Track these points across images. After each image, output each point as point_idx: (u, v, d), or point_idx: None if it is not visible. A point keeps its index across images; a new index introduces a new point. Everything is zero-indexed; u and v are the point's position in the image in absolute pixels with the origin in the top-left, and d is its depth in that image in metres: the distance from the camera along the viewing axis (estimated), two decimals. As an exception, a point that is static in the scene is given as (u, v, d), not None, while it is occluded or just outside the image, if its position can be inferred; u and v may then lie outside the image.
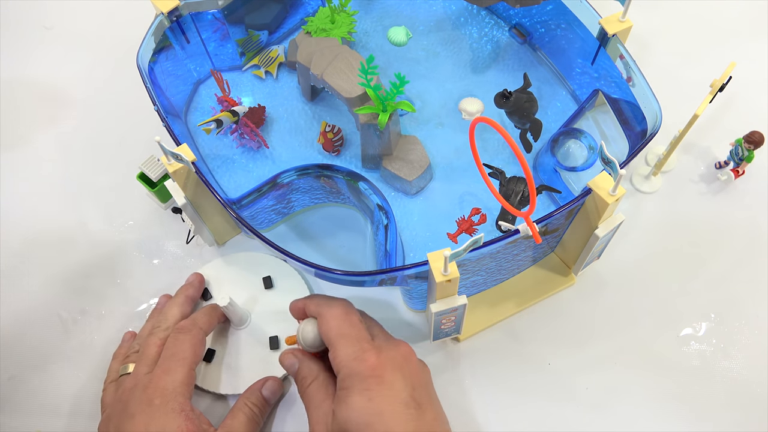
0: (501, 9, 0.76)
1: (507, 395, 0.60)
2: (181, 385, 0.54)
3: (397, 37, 0.69)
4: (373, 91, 0.60)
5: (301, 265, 0.52)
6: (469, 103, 0.69)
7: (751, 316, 0.63)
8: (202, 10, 0.66)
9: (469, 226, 0.62)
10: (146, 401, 0.52)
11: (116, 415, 0.54)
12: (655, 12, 0.80)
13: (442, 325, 0.56)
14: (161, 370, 0.54)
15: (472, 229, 0.62)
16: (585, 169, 0.64)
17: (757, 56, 0.77)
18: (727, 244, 0.66)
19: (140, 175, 0.67)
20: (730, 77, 0.58)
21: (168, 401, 0.52)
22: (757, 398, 0.59)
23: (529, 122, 0.65)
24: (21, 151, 0.74)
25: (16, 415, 0.61)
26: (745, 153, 0.66)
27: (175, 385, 0.53)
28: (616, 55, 0.62)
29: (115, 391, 0.56)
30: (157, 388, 0.53)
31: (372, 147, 0.65)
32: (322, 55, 0.63)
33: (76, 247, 0.68)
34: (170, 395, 0.53)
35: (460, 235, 0.62)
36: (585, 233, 0.56)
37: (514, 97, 0.63)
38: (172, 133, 0.58)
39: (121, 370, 0.58)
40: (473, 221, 0.62)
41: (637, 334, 0.62)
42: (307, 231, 0.67)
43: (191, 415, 0.53)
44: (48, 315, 0.65)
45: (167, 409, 0.52)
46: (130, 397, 0.54)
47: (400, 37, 0.69)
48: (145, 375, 0.55)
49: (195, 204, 0.60)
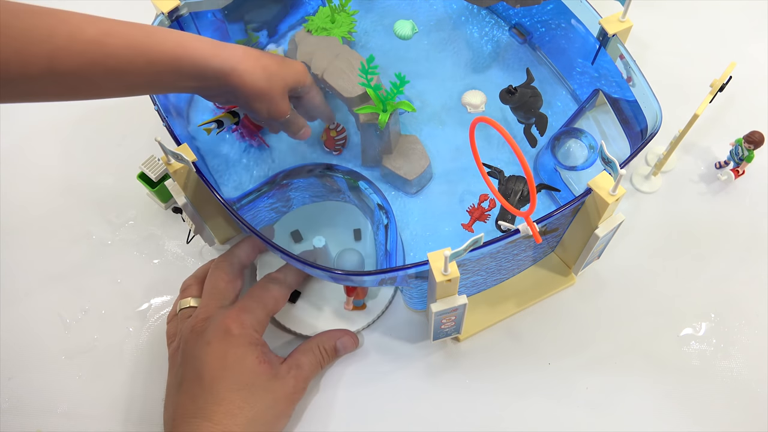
0: (501, 9, 0.76)
1: (507, 395, 0.60)
2: (259, 324, 0.55)
3: (403, 31, 0.69)
4: (374, 90, 0.60)
5: (302, 265, 0.52)
6: (472, 96, 0.69)
7: (751, 316, 0.63)
8: (202, 9, 0.66)
9: (481, 213, 0.62)
10: (224, 329, 0.53)
11: (191, 341, 0.54)
12: (655, 12, 0.80)
13: (442, 325, 0.56)
14: (242, 307, 0.55)
15: (484, 216, 0.62)
16: (585, 168, 0.64)
17: (757, 56, 0.77)
18: (727, 244, 0.66)
19: (140, 175, 0.67)
20: (730, 77, 0.58)
21: (246, 333, 0.54)
22: (757, 398, 0.59)
23: (535, 117, 0.66)
24: (21, 151, 0.74)
25: (16, 415, 0.61)
26: (745, 153, 0.66)
27: (254, 323, 0.55)
28: (616, 55, 0.62)
29: (182, 320, 0.57)
30: (237, 320, 0.54)
31: (372, 146, 0.65)
32: (322, 54, 0.63)
33: (76, 246, 0.68)
34: (248, 329, 0.54)
35: (474, 223, 0.62)
36: (585, 233, 0.56)
37: (519, 92, 0.63)
38: (172, 133, 0.58)
39: (182, 303, 0.58)
40: (484, 207, 0.62)
41: (637, 334, 0.62)
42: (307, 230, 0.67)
43: (266, 350, 0.55)
44: (48, 315, 0.65)
45: (245, 341, 0.53)
46: (205, 326, 0.54)
47: (406, 30, 0.69)
48: (218, 308, 0.56)
49: (195, 204, 0.60)
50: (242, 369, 0.53)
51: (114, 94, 0.50)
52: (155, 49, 0.48)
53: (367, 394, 0.60)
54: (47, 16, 0.45)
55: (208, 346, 0.53)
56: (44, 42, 0.44)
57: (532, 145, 0.67)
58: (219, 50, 0.51)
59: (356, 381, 0.61)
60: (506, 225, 0.56)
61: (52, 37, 0.44)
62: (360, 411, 0.60)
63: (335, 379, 0.61)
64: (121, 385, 0.62)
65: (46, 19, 0.45)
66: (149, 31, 0.49)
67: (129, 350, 0.63)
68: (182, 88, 0.53)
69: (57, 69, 0.45)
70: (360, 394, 0.61)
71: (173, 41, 0.50)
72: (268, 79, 0.54)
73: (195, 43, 0.50)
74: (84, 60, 0.46)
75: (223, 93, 0.54)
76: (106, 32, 0.47)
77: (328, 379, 0.61)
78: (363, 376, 0.61)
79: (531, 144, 0.67)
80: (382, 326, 0.63)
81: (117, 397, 0.61)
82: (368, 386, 0.61)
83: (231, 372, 0.52)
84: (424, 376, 0.61)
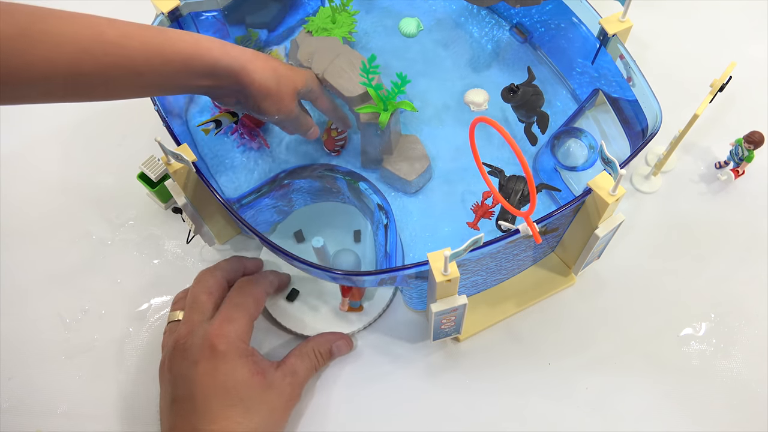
0: (501, 8, 0.76)
1: (507, 395, 0.60)
2: (244, 333, 0.54)
3: (408, 28, 0.69)
4: (375, 90, 0.60)
5: (302, 265, 0.52)
6: (475, 94, 0.69)
7: (751, 316, 0.63)
8: (202, 9, 0.66)
9: (485, 210, 0.62)
10: (209, 347, 0.53)
11: (176, 360, 0.54)
12: (655, 12, 0.80)
13: (442, 325, 0.56)
14: (224, 318, 0.54)
15: (489, 213, 0.62)
16: (585, 168, 0.64)
17: (757, 56, 0.77)
18: (727, 244, 0.66)
19: (140, 175, 0.67)
20: (730, 77, 0.58)
21: (233, 346, 0.53)
22: (757, 398, 0.59)
23: (536, 115, 0.66)
24: (21, 151, 0.74)
25: (16, 415, 0.61)
26: (745, 153, 0.66)
27: (239, 333, 0.54)
28: (616, 55, 0.62)
29: (169, 334, 0.57)
30: (221, 334, 0.53)
31: (372, 146, 0.65)
32: (323, 54, 0.63)
33: (76, 246, 0.68)
34: (234, 341, 0.53)
35: (479, 221, 0.62)
36: (585, 233, 0.56)
37: (521, 90, 0.63)
38: (172, 133, 0.58)
39: (170, 317, 0.58)
40: (488, 205, 0.62)
41: (637, 334, 0.62)
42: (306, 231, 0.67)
43: (257, 358, 0.54)
44: (48, 315, 0.65)
45: (233, 355, 0.53)
46: (189, 344, 0.54)
47: (411, 28, 0.69)
48: (200, 322, 0.55)
49: (195, 204, 0.60)
50: (235, 384, 0.52)
51: (128, 95, 0.52)
52: (170, 49, 0.50)
53: (367, 394, 0.60)
54: (71, 19, 0.46)
55: (196, 366, 0.52)
56: (69, 45, 0.46)
57: (533, 144, 0.67)
58: (230, 50, 0.53)
59: (356, 381, 0.61)
60: (506, 225, 0.56)
61: (77, 40, 0.46)
62: (360, 411, 0.60)
63: (335, 379, 0.61)
64: (121, 385, 0.62)
65: (71, 22, 0.46)
66: (164, 33, 0.50)
67: (129, 350, 0.63)
68: (194, 88, 0.54)
69: (79, 71, 0.46)
70: (360, 394, 0.61)
71: (187, 41, 0.51)
72: (276, 80, 0.55)
73: (207, 43, 0.52)
74: (105, 61, 0.47)
75: (233, 92, 0.55)
76: (125, 34, 0.48)
77: (327, 380, 0.61)
78: (362, 376, 0.61)
79: (531, 142, 0.67)
80: (381, 326, 0.63)
81: (117, 397, 0.61)
82: (368, 386, 0.61)
83: (224, 389, 0.52)
84: (424, 377, 0.61)
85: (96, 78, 0.48)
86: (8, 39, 0.43)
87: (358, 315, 0.63)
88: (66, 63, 0.46)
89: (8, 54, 0.43)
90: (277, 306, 0.63)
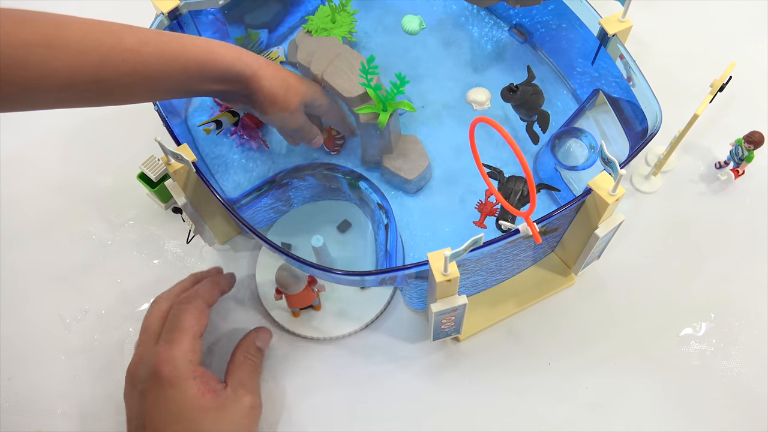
0: (501, 9, 0.76)
1: (507, 395, 0.60)
2: (189, 351, 0.54)
3: (410, 26, 0.69)
4: (374, 91, 0.60)
5: (302, 265, 0.52)
6: (477, 93, 0.69)
7: (751, 316, 0.63)
8: (202, 9, 0.66)
9: (490, 208, 0.62)
10: (154, 375, 0.52)
11: (128, 391, 0.54)
12: (655, 12, 0.80)
13: (442, 325, 0.56)
14: (165, 341, 0.54)
15: (494, 210, 0.62)
16: (585, 168, 0.64)
17: (757, 56, 0.77)
18: (727, 244, 0.66)
19: (140, 175, 0.67)
20: (730, 77, 0.58)
21: (179, 369, 0.53)
22: (757, 398, 0.59)
23: (537, 114, 0.66)
24: (21, 151, 0.74)
25: (16, 415, 0.61)
26: (745, 153, 0.66)
27: (184, 353, 0.54)
28: (616, 55, 0.62)
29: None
30: (164, 359, 0.53)
31: (372, 146, 0.65)
32: (322, 54, 0.63)
33: (76, 246, 0.68)
34: (180, 363, 0.53)
35: (485, 219, 0.62)
36: (585, 233, 0.56)
37: (520, 90, 0.63)
38: (172, 133, 0.58)
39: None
40: (492, 202, 0.62)
41: (637, 334, 0.62)
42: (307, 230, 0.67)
43: (206, 378, 0.54)
44: (48, 315, 0.65)
45: (179, 379, 0.52)
46: (138, 374, 0.54)
47: (414, 26, 0.69)
48: (148, 348, 0.55)
49: (195, 204, 0.60)
50: (184, 406, 0.51)
51: (141, 100, 0.52)
52: (185, 56, 0.51)
53: (367, 394, 0.60)
54: (92, 27, 0.47)
55: (143, 397, 0.52)
56: (91, 52, 0.46)
57: (534, 143, 0.67)
58: (244, 56, 0.54)
59: (356, 381, 0.61)
60: (506, 225, 0.56)
61: (98, 48, 0.47)
62: (360, 411, 0.60)
63: (335, 379, 0.61)
64: (121, 385, 0.61)
65: (92, 30, 0.47)
66: (179, 39, 0.51)
67: (129, 350, 0.63)
68: (206, 92, 0.55)
69: (100, 78, 0.47)
70: (360, 394, 0.61)
71: (201, 47, 0.52)
72: (285, 89, 0.56)
73: (221, 49, 0.53)
74: (123, 68, 0.48)
75: (242, 97, 0.56)
76: (142, 41, 0.49)
77: (327, 380, 0.61)
78: (362, 375, 0.61)
79: (533, 141, 0.67)
80: (381, 326, 0.63)
81: (117, 397, 0.61)
82: (368, 386, 0.61)
83: (176, 414, 0.51)
84: (424, 377, 0.61)
85: (114, 84, 0.48)
86: (32, 47, 0.44)
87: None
88: (88, 70, 0.46)
89: (32, 62, 0.44)
90: (282, 313, 0.63)
